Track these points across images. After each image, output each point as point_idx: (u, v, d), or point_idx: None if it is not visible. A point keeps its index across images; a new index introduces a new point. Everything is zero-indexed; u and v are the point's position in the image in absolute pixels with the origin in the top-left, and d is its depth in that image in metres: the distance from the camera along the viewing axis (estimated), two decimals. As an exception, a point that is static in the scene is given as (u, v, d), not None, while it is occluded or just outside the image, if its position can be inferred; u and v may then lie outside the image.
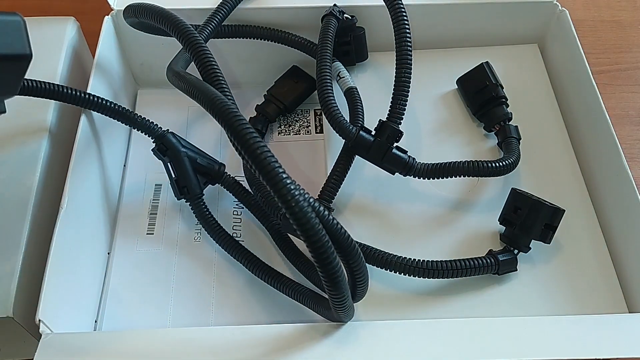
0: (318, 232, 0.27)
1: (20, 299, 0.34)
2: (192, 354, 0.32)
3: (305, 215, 0.26)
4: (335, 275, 0.28)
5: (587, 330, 0.33)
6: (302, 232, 0.27)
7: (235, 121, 0.28)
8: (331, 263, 0.28)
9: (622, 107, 0.57)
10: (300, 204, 0.26)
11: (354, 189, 0.43)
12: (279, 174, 0.26)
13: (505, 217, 0.40)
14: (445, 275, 0.37)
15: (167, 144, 0.42)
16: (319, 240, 0.27)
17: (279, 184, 0.26)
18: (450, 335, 0.33)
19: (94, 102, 0.41)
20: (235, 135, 0.28)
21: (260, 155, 0.27)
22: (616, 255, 0.41)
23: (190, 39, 0.37)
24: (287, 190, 0.26)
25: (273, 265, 0.41)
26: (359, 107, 0.45)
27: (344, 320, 0.33)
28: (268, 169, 0.27)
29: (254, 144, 0.27)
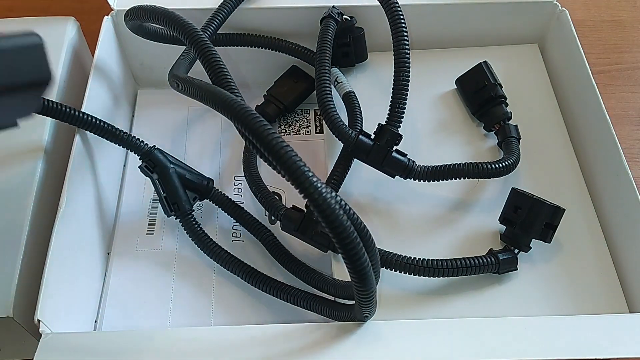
0: (347, 227, 0.27)
1: (20, 299, 0.34)
2: (192, 354, 0.32)
3: (334, 211, 0.27)
4: (364, 270, 0.28)
5: (587, 330, 0.33)
6: (331, 229, 0.27)
7: (252, 119, 0.28)
8: (360, 258, 0.28)
9: (622, 107, 0.57)
10: (328, 200, 0.26)
11: (354, 189, 0.43)
12: (305, 172, 0.27)
13: (505, 217, 0.40)
14: (445, 274, 0.37)
15: (154, 160, 0.41)
16: (348, 236, 0.27)
17: (303, 180, 0.27)
18: (449, 335, 0.33)
19: (77, 118, 0.40)
20: (253, 132, 0.28)
21: (290, 161, 0.27)
22: (616, 255, 0.41)
23: (198, 41, 0.36)
24: (310, 183, 0.27)
25: (273, 270, 0.41)
26: (358, 112, 0.45)
27: (366, 318, 0.33)
28: (294, 168, 0.27)
29: (273, 140, 0.27)
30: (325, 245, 0.40)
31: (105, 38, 0.47)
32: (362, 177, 0.44)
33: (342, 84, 0.47)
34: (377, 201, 0.43)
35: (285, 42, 0.50)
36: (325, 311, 0.37)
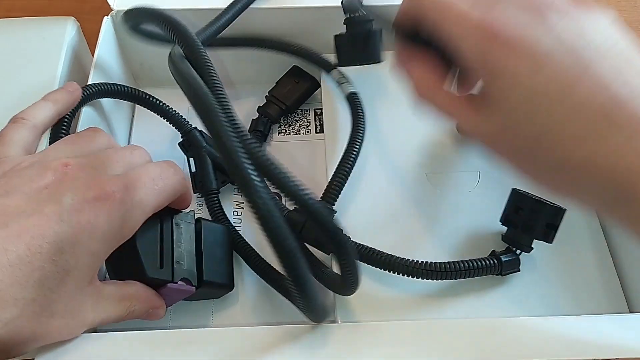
0: (278, 225, 0.27)
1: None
2: (192, 355, 0.32)
3: (265, 207, 0.27)
4: (299, 275, 0.28)
5: (587, 330, 0.33)
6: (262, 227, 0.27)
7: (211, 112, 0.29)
8: (296, 262, 0.28)
9: (622, 107, 0.57)
10: (261, 196, 0.27)
11: (356, 190, 0.43)
12: (247, 169, 0.27)
13: (506, 218, 0.40)
14: (447, 276, 0.37)
15: (191, 139, 0.45)
16: (279, 236, 0.27)
17: (245, 178, 0.27)
18: (449, 336, 0.33)
19: (132, 95, 0.45)
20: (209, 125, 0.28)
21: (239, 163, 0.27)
22: (616, 254, 0.41)
23: (191, 44, 0.36)
24: (250, 183, 0.27)
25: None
26: (360, 113, 0.45)
27: (314, 321, 0.33)
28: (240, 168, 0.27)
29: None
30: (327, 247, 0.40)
31: (105, 38, 0.47)
32: (364, 178, 0.44)
33: (345, 85, 0.47)
34: (379, 203, 0.43)
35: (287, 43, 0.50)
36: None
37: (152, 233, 0.36)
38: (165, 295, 0.36)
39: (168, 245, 0.36)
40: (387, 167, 0.45)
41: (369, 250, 0.38)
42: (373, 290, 0.39)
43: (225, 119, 0.29)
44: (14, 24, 0.47)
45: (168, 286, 0.35)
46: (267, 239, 0.27)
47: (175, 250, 0.36)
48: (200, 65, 0.34)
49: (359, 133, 0.44)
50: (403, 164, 0.45)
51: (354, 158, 0.42)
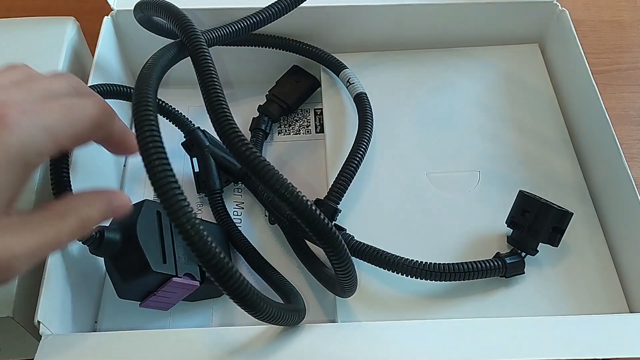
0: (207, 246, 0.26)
1: (20, 298, 0.34)
2: (192, 355, 0.32)
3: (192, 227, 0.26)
4: (236, 290, 0.27)
5: (587, 330, 0.33)
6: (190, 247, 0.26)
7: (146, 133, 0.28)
8: (230, 279, 0.27)
9: (622, 107, 0.57)
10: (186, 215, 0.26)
11: (360, 190, 0.43)
12: (173, 188, 0.26)
13: (513, 220, 0.40)
14: (452, 278, 0.37)
15: (194, 139, 0.45)
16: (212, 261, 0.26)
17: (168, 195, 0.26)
18: (450, 336, 0.33)
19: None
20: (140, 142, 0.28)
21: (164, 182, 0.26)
22: (616, 255, 0.41)
23: (192, 39, 0.36)
24: (175, 202, 0.26)
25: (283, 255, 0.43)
26: (369, 113, 0.45)
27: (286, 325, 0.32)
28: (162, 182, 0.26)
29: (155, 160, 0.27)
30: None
31: (105, 38, 0.47)
32: (369, 178, 0.44)
33: (354, 85, 0.47)
34: (384, 203, 0.43)
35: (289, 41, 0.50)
36: None
37: (153, 230, 0.36)
38: (169, 293, 0.36)
39: (169, 242, 0.36)
40: (389, 166, 0.45)
41: (373, 250, 0.38)
42: (374, 290, 0.39)
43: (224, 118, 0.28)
44: (14, 24, 0.47)
45: (173, 280, 0.35)
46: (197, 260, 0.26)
47: (176, 246, 0.36)
48: (197, 61, 0.34)
49: (366, 133, 0.43)
50: (404, 164, 0.45)
51: (361, 157, 0.42)
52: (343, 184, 0.41)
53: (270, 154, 0.50)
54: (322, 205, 0.40)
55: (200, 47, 0.35)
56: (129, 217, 0.36)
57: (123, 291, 0.37)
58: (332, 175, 0.42)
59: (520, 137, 0.46)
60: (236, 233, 0.43)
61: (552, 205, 0.38)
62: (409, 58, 0.52)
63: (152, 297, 0.36)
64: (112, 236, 0.35)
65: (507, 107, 0.48)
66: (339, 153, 0.44)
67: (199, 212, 0.46)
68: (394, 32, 0.51)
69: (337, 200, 0.40)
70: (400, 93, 0.49)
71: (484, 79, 0.50)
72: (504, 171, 0.44)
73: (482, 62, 0.51)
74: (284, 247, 0.44)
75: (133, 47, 0.51)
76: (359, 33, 0.51)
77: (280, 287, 0.39)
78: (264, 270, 0.41)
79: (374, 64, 0.51)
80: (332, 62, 0.49)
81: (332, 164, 0.44)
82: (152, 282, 0.35)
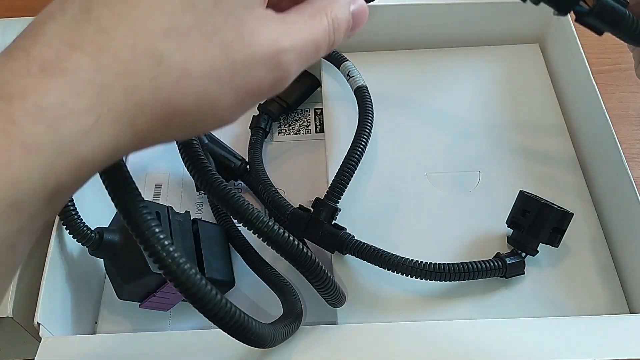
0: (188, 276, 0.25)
1: (20, 299, 0.34)
2: (192, 356, 0.32)
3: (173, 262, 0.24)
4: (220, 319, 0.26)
5: (588, 331, 0.33)
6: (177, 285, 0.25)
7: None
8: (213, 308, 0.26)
9: (622, 107, 0.57)
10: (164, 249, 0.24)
11: (360, 190, 0.43)
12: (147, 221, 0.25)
13: (513, 220, 0.40)
14: (452, 277, 0.37)
15: None
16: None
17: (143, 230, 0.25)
18: (450, 337, 0.33)
19: None
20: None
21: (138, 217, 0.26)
22: (617, 255, 0.41)
23: None
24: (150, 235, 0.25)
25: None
26: (369, 106, 0.45)
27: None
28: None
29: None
30: (331, 246, 0.40)
31: (105, 38, 0.47)
32: (368, 178, 0.44)
33: (355, 77, 0.47)
34: (384, 203, 0.43)
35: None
36: None
37: None
38: (169, 294, 0.36)
39: None
40: (389, 166, 0.45)
41: (373, 250, 0.38)
42: (374, 291, 0.39)
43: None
44: (14, 24, 0.47)
45: None
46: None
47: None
48: None
49: (366, 128, 0.43)
50: (404, 164, 0.45)
51: (360, 154, 0.42)
52: (342, 183, 0.41)
53: (270, 154, 0.50)
54: (322, 205, 0.40)
55: None
56: None
57: (123, 292, 0.37)
58: (332, 175, 0.42)
59: (520, 137, 0.46)
60: (235, 232, 0.43)
61: (553, 205, 0.38)
62: (409, 58, 0.52)
63: (152, 297, 0.36)
64: (112, 237, 0.35)
65: (507, 107, 0.48)
66: (338, 153, 0.43)
67: (199, 211, 0.46)
68: (394, 32, 0.51)
69: (337, 199, 0.40)
70: (400, 93, 0.49)
71: (484, 79, 0.50)
72: (504, 171, 0.44)
73: (482, 62, 0.51)
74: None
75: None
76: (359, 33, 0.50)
77: (278, 286, 0.39)
78: (262, 270, 0.41)
79: (374, 64, 0.51)
80: (333, 55, 0.49)
81: (332, 163, 0.44)
82: (152, 283, 0.35)
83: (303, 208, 0.41)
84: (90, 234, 0.35)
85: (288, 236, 0.30)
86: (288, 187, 0.47)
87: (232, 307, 0.26)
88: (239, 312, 0.26)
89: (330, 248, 0.40)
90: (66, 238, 0.37)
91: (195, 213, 0.45)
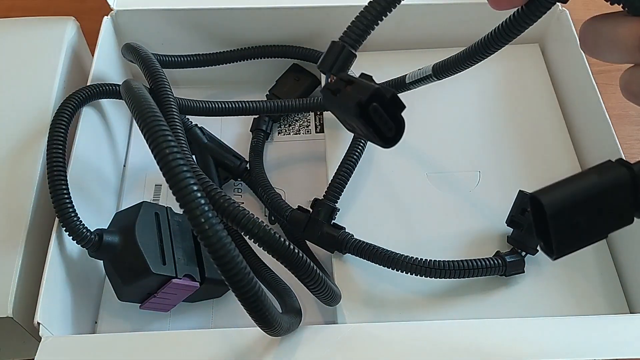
0: (229, 250, 0.26)
1: (20, 298, 0.34)
2: (192, 356, 0.32)
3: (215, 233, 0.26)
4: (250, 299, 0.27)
5: (588, 331, 0.33)
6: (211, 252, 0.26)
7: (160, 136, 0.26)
8: (246, 286, 0.27)
9: (622, 107, 0.57)
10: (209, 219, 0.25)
11: (359, 188, 0.43)
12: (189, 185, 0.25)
13: (513, 219, 0.40)
14: (452, 275, 0.37)
15: (192, 137, 0.44)
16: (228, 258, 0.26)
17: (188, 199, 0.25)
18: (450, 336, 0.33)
19: None
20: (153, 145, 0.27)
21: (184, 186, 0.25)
22: (617, 255, 0.41)
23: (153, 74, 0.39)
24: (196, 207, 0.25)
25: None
26: None
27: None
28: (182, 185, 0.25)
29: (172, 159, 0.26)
30: (330, 245, 0.40)
31: (105, 38, 0.47)
32: (367, 176, 0.44)
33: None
34: (383, 201, 0.43)
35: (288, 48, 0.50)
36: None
37: (152, 232, 0.36)
38: (169, 294, 0.36)
39: (167, 244, 0.36)
40: (389, 166, 0.45)
41: (372, 247, 0.38)
42: (374, 290, 0.39)
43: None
44: (14, 24, 0.47)
45: (173, 282, 0.35)
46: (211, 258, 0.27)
47: (175, 248, 0.36)
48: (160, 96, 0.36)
49: None
50: (404, 164, 0.45)
51: (359, 154, 0.42)
52: (341, 183, 0.41)
53: (270, 154, 0.50)
54: (321, 204, 0.40)
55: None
56: (128, 219, 0.36)
57: (123, 293, 0.37)
58: (332, 175, 0.42)
59: (520, 137, 0.46)
60: (234, 233, 0.43)
61: None
62: (409, 58, 0.51)
63: (152, 298, 0.36)
64: (111, 239, 0.35)
65: (507, 107, 0.48)
66: (339, 153, 0.43)
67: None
68: (394, 32, 0.51)
69: (335, 199, 0.40)
70: (400, 93, 0.49)
71: (484, 78, 0.50)
72: (504, 171, 0.44)
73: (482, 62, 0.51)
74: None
75: (133, 47, 0.51)
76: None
77: (276, 287, 0.39)
78: (259, 271, 0.41)
79: (374, 64, 0.51)
80: None
81: (332, 163, 0.44)
82: (152, 284, 0.35)
83: (302, 209, 0.41)
84: (89, 236, 0.35)
85: (275, 233, 0.29)
86: (288, 187, 0.47)
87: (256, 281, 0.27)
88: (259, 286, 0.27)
89: (330, 248, 0.40)
90: (66, 238, 0.37)
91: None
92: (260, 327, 0.29)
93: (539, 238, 0.23)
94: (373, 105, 0.26)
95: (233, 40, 0.50)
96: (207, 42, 0.50)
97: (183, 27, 0.49)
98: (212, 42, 0.50)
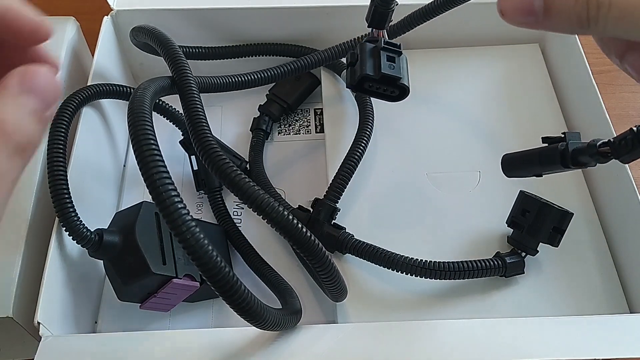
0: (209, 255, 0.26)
1: (20, 299, 0.34)
2: (192, 356, 0.32)
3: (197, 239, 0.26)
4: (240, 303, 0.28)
5: (588, 331, 0.33)
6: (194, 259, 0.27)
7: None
8: (231, 290, 0.27)
9: (622, 107, 0.57)
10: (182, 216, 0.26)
11: (361, 189, 0.43)
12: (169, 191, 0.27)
13: (513, 220, 0.40)
14: (452, 276, 0.37)
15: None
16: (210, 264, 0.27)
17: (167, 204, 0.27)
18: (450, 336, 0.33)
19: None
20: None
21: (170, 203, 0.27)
22: (617, 255, 0.41)
23: (178, 65, 0.38)
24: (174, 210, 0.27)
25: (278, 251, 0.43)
26: (369, 105, 0.46)
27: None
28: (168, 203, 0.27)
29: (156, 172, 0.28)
30: (331, 245, 0.39)
31: (105, 38, 0.47)
32: (368, 177, 0.44)
33: None
34: (384, 201, 0.43)
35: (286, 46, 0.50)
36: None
37: (152, 232, 0.36)
38: (169, 294, 0.36)
39: (168, 244, 0.36)
40: (389, 166, 0.45)
41: (372, 248, 0.38)
42: (374, 290, 0.39)
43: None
44: (13, 23, 0.47)
45: (173, 282, 0.35)
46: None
47: (175, 248, 0.36)
48: (182, 85, 0.36)
49: (365, 131, 0.43)
50: (404, 163, 0.45)
51: (359, 155, 0.42)
52: (341, 183, 0.41)
53: (270, 154, 0.50)
54: (321, 204, 0.40)
55: (190, 87, 0.36)
56: (128, 219, 0.36)
57: (123, 293, 0.37)
58: (332, 175, 0.42)
59: (521, 137, 0.46)
60: (234, 232, 0.43)
61: (553, 205, 0.38)
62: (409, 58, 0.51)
63: (153, 298, 0.36)
64: (111, 239, 0.35)
65: (507, 107, 0.48)
66: (339, 153, 0.43)
67: (199, 211, 0.46)
68: (394, 32, 0.51)
69: (336, 199, 0.40)
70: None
71: (484, 78, 0.50)
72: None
73: (482, 62, 0.51)
74: (284, 247, 0.44)
75: (133, 47, 0.51)
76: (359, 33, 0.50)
77: (277, 286, 0.39)
78: (261, 270, 0.41)
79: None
80: (334, 63, 0.49)
81: (332, 163, 0.44)
82: (152, 284, 0.35)
83: (302, 208, 0.41)
84: (89, 236, 0.35)
85: (297, 222, 0.29)
86: (288, 187, 0.47)
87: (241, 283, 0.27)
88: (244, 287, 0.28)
89: (330, 248, 0.40)
90: (66, 238, 0.37)
91: (195, 213, 0.46)
92: (245, 319, 0.29)
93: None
94: (367, 84, 0.34)
95: (233, 40, 0.50)
96: (207, 41, 0.50)
97: (183, 27, 0.49)
98: (212, 42, 0.50)
